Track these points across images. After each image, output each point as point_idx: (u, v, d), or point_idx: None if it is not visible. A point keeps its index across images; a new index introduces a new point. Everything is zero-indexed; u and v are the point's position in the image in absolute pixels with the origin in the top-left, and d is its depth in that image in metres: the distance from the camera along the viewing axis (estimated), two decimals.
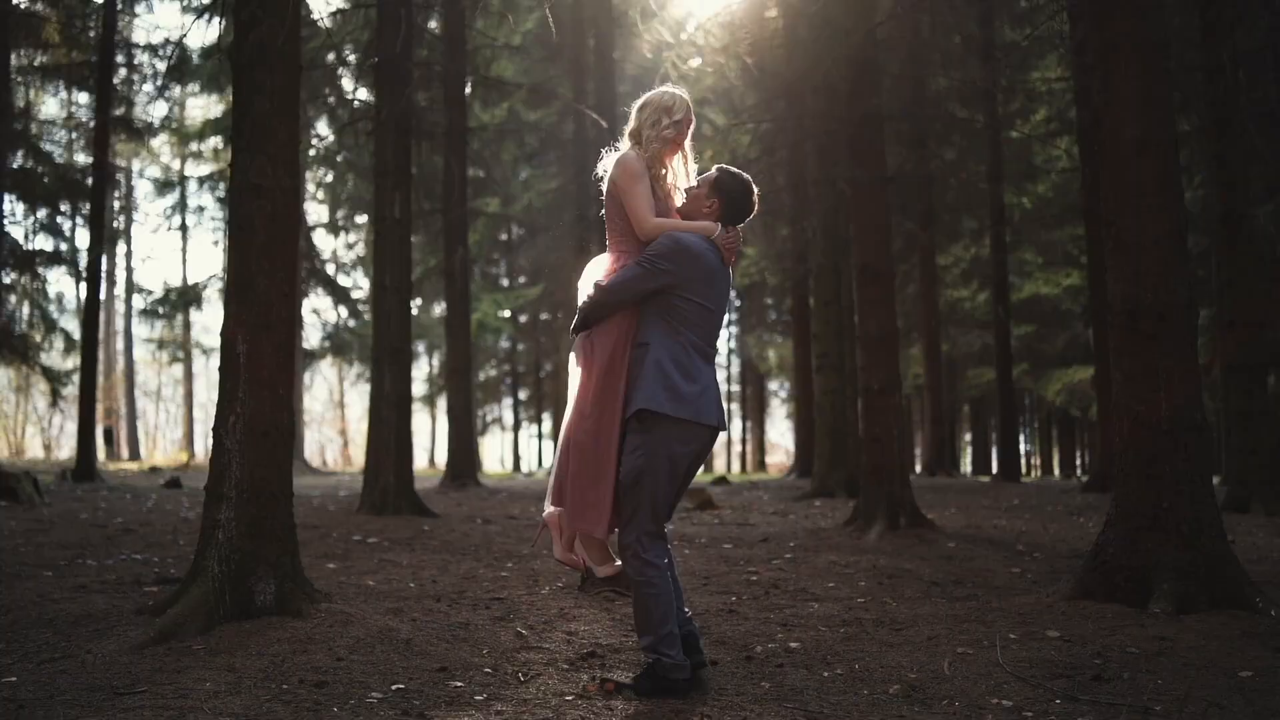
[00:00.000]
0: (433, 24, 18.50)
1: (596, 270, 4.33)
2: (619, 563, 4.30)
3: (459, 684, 4.29)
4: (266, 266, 5.25)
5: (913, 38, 17.12)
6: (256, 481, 5.14)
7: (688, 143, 4.43)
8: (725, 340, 43.31)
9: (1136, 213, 5.87)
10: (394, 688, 4.19)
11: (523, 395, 45.15)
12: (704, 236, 4.23)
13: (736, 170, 4.41)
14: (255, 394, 5.18)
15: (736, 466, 47.86)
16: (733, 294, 26.34)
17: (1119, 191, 5.98)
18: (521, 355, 43.27)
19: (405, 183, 11.90)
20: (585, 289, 4.29)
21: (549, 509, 4.31)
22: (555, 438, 45.29)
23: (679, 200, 4.41)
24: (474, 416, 22.26)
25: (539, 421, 48.21)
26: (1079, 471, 37.68)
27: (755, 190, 4.42)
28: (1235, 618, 5.33)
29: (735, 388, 49.65)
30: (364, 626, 4.99)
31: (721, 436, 4.46)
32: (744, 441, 49.22)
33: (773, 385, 48.87)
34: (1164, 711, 3.98)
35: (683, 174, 4.45)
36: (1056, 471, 42.42)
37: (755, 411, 48.77)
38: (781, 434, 57.73)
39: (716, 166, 4.45)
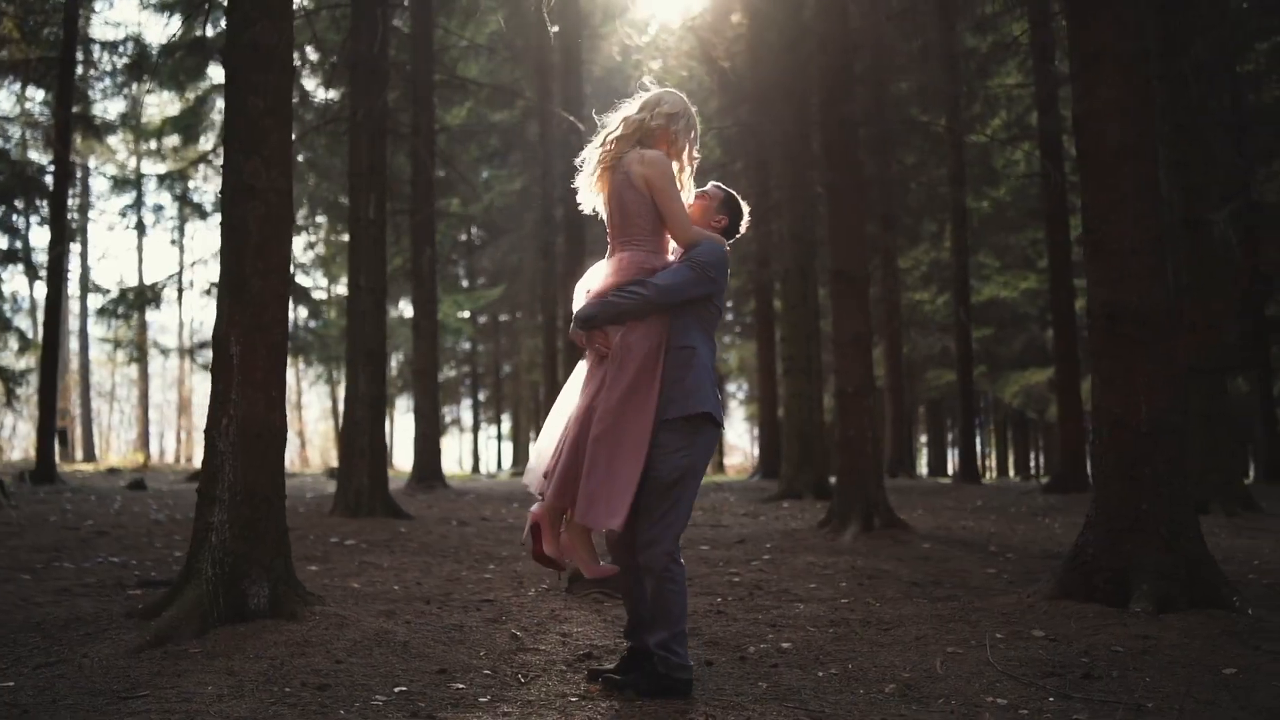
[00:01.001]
0: (397, 23, 18.40)
1: (621, 268, 4.29)
2: (606, 564, 4.32)
3: (460, 686, 4.30)
4: (261, 267, 5.23)
5: (878, 42, 17.30)
6: (249, 484, 5.10)
7: None
8: None
9: (1118, 218, 5.98)
10: (396, 690, 4.20)
11: (482, 396, 45.07)
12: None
13: (732, 190, 4.57)
14: (248, 395, 5.15)
15: None
16: None
17: (1101, 197, 6.09)
18: (481, 356, 43.18)
19: (381, 184, 11.85)
20: (595, 285, 4.29)
21: (539, 505, 4.27)
22: (513, 436, 44.67)
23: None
24: (440, 418, 22.17)
25: (498, 423, 48.10)
26: (1034, 472, 38.15)
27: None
28: (1214, 617, 5.43)
29: None
30: (359, 629, 4.98)
31: None
32: None
33: (730, 387, 49.09)
34: (1156, 709, 4.07)
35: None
36: (1011, 472, 42.89)
37: None
38: (739, 435, 57.99)
39: (713, 183, 4.57)
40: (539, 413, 44.39)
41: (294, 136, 19.01)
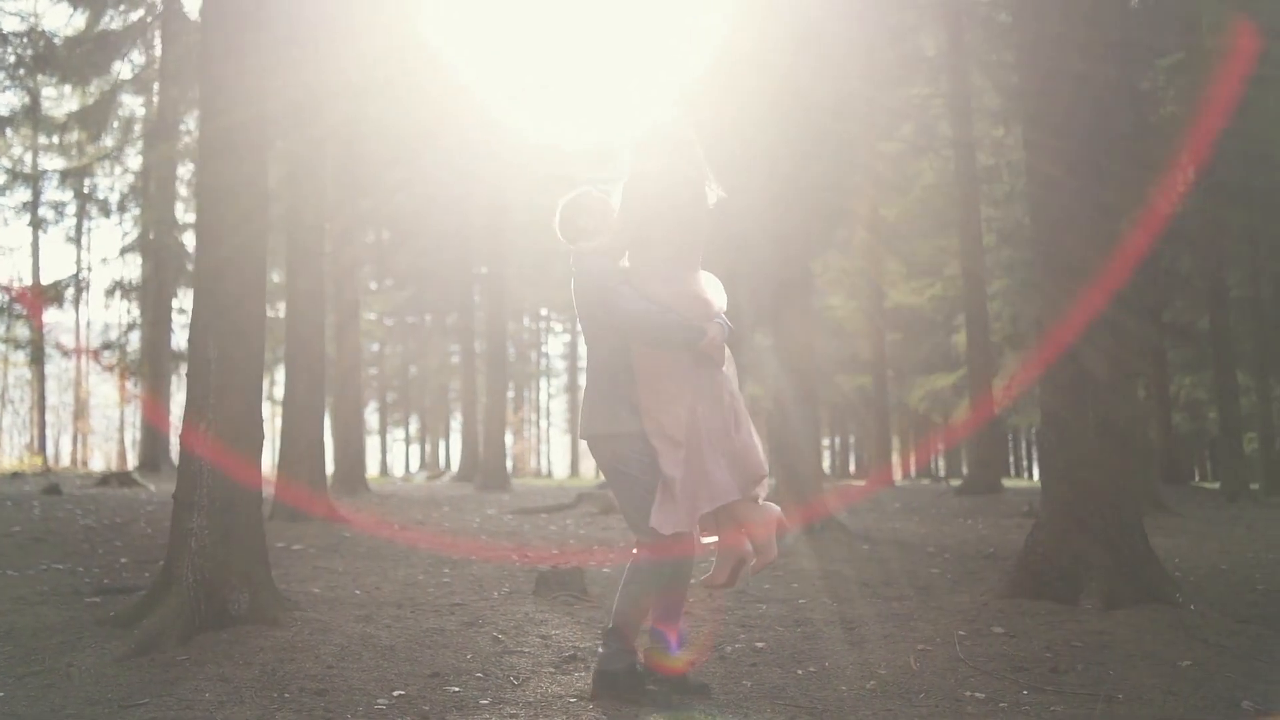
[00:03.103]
0: None
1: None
2: None
3: (456, 689, 4.34)
4: (237, 271, 5.20)
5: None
6: (227, 490, 5.07)
7: None
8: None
9: (1066, 234, 6.26)
10: (395, 694, 4.22)
11: (390, 399, 44.58)
12: None
13: None
14: (226, 400, 5.12)
15: None
16: None
17: (1047, 215, 6.38)
18: (389, 359, 42.70)
19: (321, 185, 11.73)
20: (716, 298, 4.36)
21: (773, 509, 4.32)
22: (420, 439, 44.10)
23: None
24: (362, 422, 21.91)
25: (406, 425, 47.64)
26: (936, 473, 39.02)
27: None
28: (1160, 612, 5.68)
29: None
30: (342, 634, 4.98)
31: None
32: None
33: None
34: (1127, 700, 4.28)
35: None
36: (913, 473, 43.78)
37: None
38: None
39: None
40: (449, 415, 44.04)
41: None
